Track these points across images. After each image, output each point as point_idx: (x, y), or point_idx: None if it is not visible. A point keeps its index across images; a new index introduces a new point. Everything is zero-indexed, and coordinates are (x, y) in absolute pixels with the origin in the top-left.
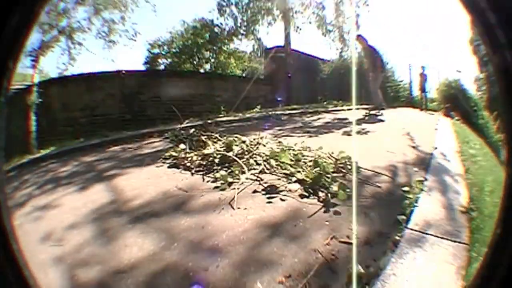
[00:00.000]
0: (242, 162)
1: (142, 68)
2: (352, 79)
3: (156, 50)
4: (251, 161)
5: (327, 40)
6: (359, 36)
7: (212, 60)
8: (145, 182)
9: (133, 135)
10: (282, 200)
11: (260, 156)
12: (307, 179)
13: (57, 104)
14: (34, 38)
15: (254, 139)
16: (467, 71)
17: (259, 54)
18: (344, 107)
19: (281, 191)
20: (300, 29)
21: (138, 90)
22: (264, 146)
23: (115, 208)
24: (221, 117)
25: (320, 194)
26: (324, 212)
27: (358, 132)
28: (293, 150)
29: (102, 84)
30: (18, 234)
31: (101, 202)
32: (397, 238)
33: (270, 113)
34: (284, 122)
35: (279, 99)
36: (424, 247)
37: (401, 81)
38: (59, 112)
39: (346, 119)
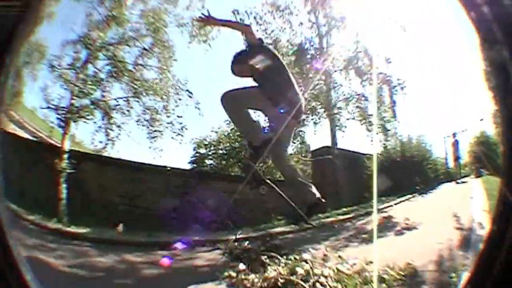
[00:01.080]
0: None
1: (188, 166)
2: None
3: (202, 150)
4: (317, 284)
5: (371, 134)
6: None
7: (261, 164)
8: None
9: (183, 241)
10: None
11: (325, 277)
12: None
13: (92, 182)
14: (58, 91)
15: (315, 257)
16: (485, 112)
17: (306, 156)
18: (391, 203)
19: None
20: (346, 127)
21: (184, 189)
22: (327, 267)
23: None
24: (273, 227)
25: None
26: None
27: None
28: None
29: (145, 177)
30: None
31: None
32: None
33: (322, 221)
34: (337, 230)
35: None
36: None
37: (438, 158)
38: (94, 192)
39: (392, 217)
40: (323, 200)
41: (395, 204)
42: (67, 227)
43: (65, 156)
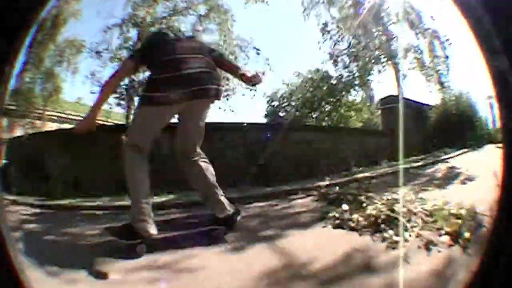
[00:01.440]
0: (405, 220)
1: (263, 120)
2: None
3: (275, 103)
4: (412, 220)
5: (430, 85)
6: None
7: (334, 113)
8: (317, 244)
9: (274, 192)
10: (439, 251)
11: (415, 214)
12: (453, 232)
13: (165, 150)
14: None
15: (405, 197)
16: None
17: (374, 105)
18: (452, 154)
19: (436, 244)
20: (406, 75)
21: (263, 143)
22: (413, 203)
23: (293, 273)
24: (354, 173)
25: (460, 241)
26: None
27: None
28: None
29: (222, 135)
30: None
31: (271, 265)
32: None
33: (397, 168)
34: (413, 176)
35: None
36: None
37: (485, 117)
38: (167, 158)
39: (456, 167)
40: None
41: (456, 155)
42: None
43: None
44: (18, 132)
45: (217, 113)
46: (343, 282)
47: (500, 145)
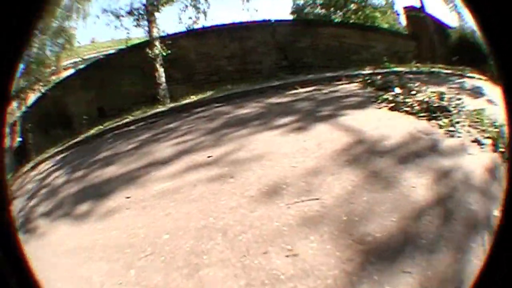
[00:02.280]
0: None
1: (290, 18)
2: None
3: (301, 1)
4: (461, 113)
5: (449, 8)
6: None
7: (359, 12)
8: (380, 123)
9: (318, 78)
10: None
11: (463, 109)
12: (493, 138)
13: (193, 54)
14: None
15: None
16: None
17: (396, 11)
18: (481, 76)
19: (482, 144)
20: None
21: (292, 38)
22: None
23: (368, 148)
24: (388, 67)
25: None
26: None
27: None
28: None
29: (250, 34)
30: None
31: (342, 142)
32: None
33: (432, 69)
34: (445, 80)
35: None
36: None
37: None
38: (196, 62)
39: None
40: None
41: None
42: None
43: (156, 43)
44: (34, 97)
45: (241, 14)
46: (418, 160)
47: None
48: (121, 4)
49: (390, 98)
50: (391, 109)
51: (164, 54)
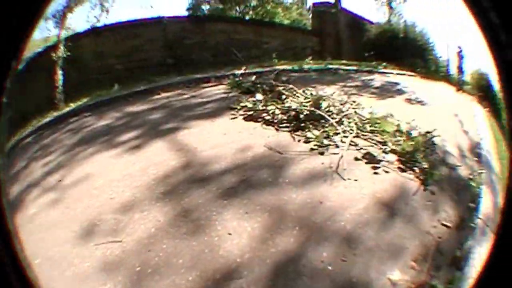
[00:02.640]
0: (335, 122)
1: (185, 14)
2: None
3: None
4: (345, 122)
5: (376, 3)
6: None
7: (259, 8)
8: (223, 139)
9: (185, 80)
10: (386, 172)
11: (349, 118)
12: (403, 152)
13: (88, 54)
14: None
15: (332, 95)
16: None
17: (307, 8)
18: (394, 71)
19: (380, 161)
20: None
21: (182, 35)
22: (353, 107)
23: (192, 175)
24: (275, 65)
25: (416, 169)
26: (423, 190)
27: (420, 102)
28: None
29: (142, 31)
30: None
31: (168, 166)
32: (473, 225)
33: (327, 66)
34: (344, 78)
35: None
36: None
37: (440, 57)
38: (91, 61)
39: (398, 83)
40: None
41: (397, 74)
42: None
43: (61, 45)
44: None
45: (136, 10)
46: (251, 192)
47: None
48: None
49: (249, 106)
50: (247, 119)
51: (64, 55)
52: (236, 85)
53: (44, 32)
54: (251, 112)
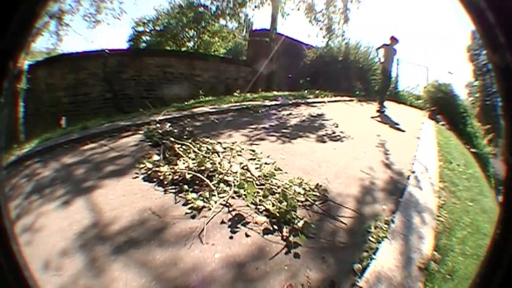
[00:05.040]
0: (213, 184)
1: (126, 46)
2: None
3: (141, 28)
4: (221, 185)
5: (314, 28)
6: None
7: (196, 39)
8: (121, 201)
9: (111, 129)
10: (247, 235)
11: (232, 176)
12: (274, 213)
13: (43, 85)
14: None
15: (227, 148)
16: (460, 76)
17: (243, 35)
18: (326, 99)
19: (247, 223)
20: (288, 14)
21: (120, 69)
22: (237, 164)
23: (97, 233)
24: (198, 105)
25: (284, 230)
26: (286, 253)
27: (334, 138)
28: (263, 173)
29: (86, 64)
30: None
31: (84, 224)
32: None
33: (247, 104)
34: (260, 118)
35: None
36: None
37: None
38: (44, 93)
39: (323, 115)
40: None
41: (329, 101)
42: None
43: (23, 76)
44: None
45: (78, 43)
46: (132, 251)
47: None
48: None
49: (149, 166)
50: (146, 179)
51: (24, 88)
52: (149, 137)
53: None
54: (149, 172)
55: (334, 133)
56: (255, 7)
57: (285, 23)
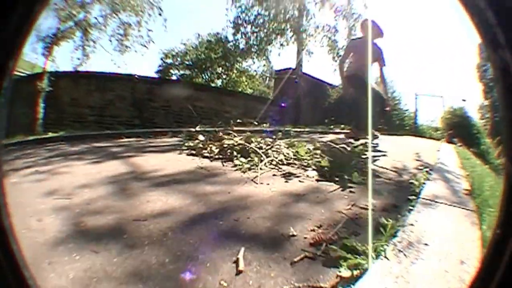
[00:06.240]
0: (262, 152)
1: (154, 76)
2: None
3: (169, 60)
4: (270, 152)
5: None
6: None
7: (224, 76)
8: (164, 163)
9: (146, 132)
10: (300, 182)
11: (278, 150)
12: (324, 166)
13: (66, 97)
14: (49, 23)
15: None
16: (472, 99)
17: (269, 75)
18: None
19: (298, 176)
20: (312, 53)
21: (149, 96)
22: (280, 145)
23: (133, 176)
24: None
25: (336, 179)
26: (342, 190)
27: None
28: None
29: (114, 86)
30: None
31: (117, 171)
32: (411, 207)
33: (280, 129)
34: (293, 136)
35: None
36: (437, 210)
37: (407, 110)
38: (67, 105)
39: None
40: None
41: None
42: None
43: (45, 77)
44: None
45: (110, 66)
46: (175, 185)
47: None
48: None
49: (192, 145)
50: (189, 154)
51: (47, 90)
52: (188, 138)
53: (31, 58)
54: (193, 151)
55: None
56: (281, 45)
57: (309, 62)
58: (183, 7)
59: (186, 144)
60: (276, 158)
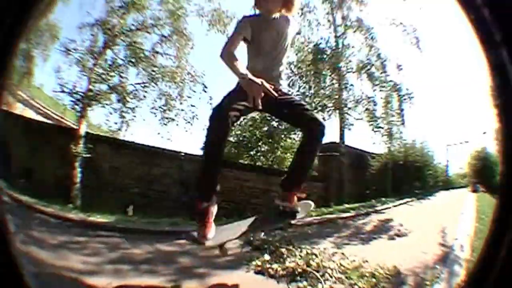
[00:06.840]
0: (319, 275)
1: (200, 152)
2: None
3: None
4: (326, 275)
5: (377, 135)
6: None
7: (269, 154)
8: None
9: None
10: None
11: (331, 269)
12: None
13: (105, 165)
14: (75, 77)
15: (323, 252)
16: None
17: None
18: (390, 205)
19: None
20: (352, 125)
21: (197, 175)
22: (333, 262)
23: None
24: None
25: None
26: None
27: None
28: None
29: (159, 161)
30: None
31: None
32: None
33: (326, 217)
34: (340, 228)
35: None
36: None
37: (439, 163)
38: (107, 174)
39: (391, 220)
40: None
41: (394, 206)
42: (86, 216)
43: (81, 140)
44: None
45: (154, 138)
46: None
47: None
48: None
49: (259, 263)
50: (257, 272)
51: (84, 155)
52: (249, 243)
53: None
54: (260, 269)
55: (399, 231)
56: (324, 119)
57: (351, 134)
58: (228, 86)
59: (253, 262)
60: (331, 279)
